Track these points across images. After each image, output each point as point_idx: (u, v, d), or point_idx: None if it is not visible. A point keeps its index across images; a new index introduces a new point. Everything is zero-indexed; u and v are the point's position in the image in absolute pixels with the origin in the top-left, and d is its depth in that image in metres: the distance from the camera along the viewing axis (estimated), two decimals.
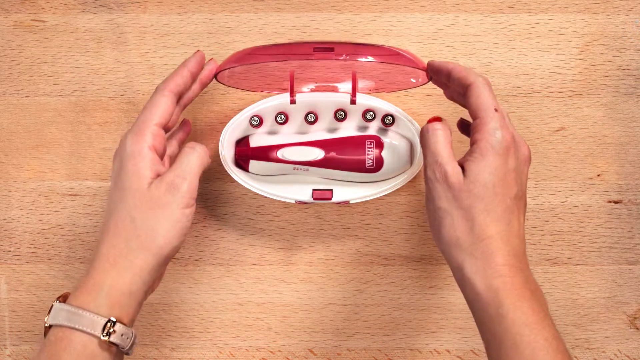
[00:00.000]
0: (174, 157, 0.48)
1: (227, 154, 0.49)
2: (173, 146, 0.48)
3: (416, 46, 0.52)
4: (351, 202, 0.49)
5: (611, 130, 0.53)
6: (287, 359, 0.54)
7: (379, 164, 0.48)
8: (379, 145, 0.48)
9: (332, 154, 0.48)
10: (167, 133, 0.45)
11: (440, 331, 0.54)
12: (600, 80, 0.53)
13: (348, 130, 0.50)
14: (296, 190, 0.49)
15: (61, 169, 0.53)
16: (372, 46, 0.44)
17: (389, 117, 0.48)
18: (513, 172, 0.40)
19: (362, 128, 0.50)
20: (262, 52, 0.43)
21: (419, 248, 0.53)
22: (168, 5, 0.52)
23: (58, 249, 0.54)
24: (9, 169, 0.53)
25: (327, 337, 0.54)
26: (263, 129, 0.50)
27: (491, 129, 0.39)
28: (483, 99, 0.40)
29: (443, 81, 0.44)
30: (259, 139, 0.49)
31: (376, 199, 0.50)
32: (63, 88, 0.53)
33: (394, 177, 0.50)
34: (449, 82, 0.43)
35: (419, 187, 0.53)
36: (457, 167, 0.40)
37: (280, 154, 0.48)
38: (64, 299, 0.40)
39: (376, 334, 0.54)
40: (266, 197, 0.49)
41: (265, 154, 0.49)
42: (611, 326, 0.54)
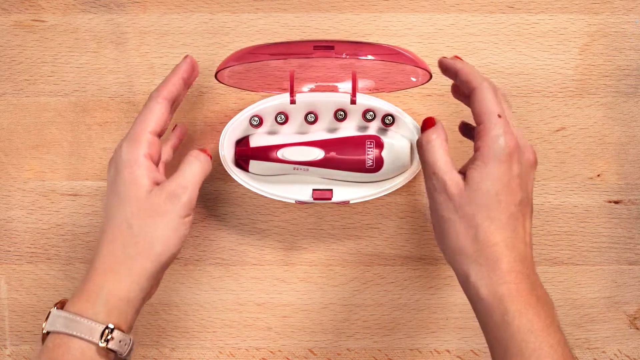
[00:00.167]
0: (168, 163, 0.48)
1: (227, 154, 0.49)
2: (167, 153, 0.48)
3: (416, 46, 0.52)
4: (351, 202, 0.49)
5: (611, 130, 0.53)
6: (287, 359, 0.54)
7: (379, 164, 0.48)
8: (379, 145, 0.48)
9: (332, 154, 0.48)
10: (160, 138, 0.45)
11: (440, 331, 0.54)
12: (600, 80, 0.53)
13: (348, 130, 0.49)
14: (296, 190, 0.49)
15: (61, 169, 0.53)
16: (372, 45, 0.44)
17: (389, 117, 0.48)
18: (517, 178, 0.39)
19: (362, 128, 0.50)
20: (262, 51, 0.43)
21: (419, 248, 0.53)
22: (168, 5, 0.52)
23: (58, 249, 0.54)
24: (9, 169, 0.53)
25: (327, 337, 0.54)
26: (263, 129, 0.50)
27: (494, 135, 0.39)
28: (486, 104, 0.40)
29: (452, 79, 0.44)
30: (259, 139, 0.49)
31: (376, 199, 0.50)
32: (63, 88, 0.53)
33: (394, 177, 0.50)
34: (456, 81, 0.43)
35: (419, 187, 0.53)
36: (456, 175, 0.40)
37: (280, 154, 0.48)
38: (61, 305, 0.40)
39: (376, 334, 0.54)
40: (266, 197, 0.49)
41: (265, 154, 0.48)
42: (611, 326, 0.54)
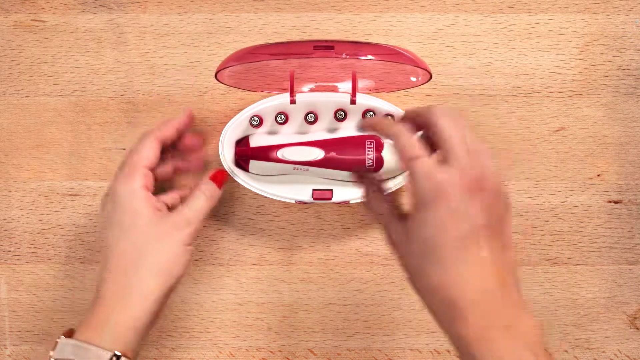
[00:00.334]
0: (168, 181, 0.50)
1: (227, 154, 0.49)
2: (166, 172, 0.50)
3: (416, 46, 0.52)
4: (351, 202, 0.49)
5: (611, 130, 0.53)
6: (287, 359, 0.54)
7: (379, 164, 0.48)
8: (379, 145, 0.48)
9: (332, 154, 0.48)
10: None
11: (440, 331, 0.53)
12: (600, 80, 0.53)
13: (348, 130, 0.49)
14: (296, 190, 0.49)
15: (61, 169, 0.53)
16: (372, 45, 0.44)
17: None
18: (456, 210, 0.35)
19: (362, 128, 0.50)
20: (262, 51, 0.43)
21: None
22: (168, 5, 0.52)
23: (58, 249, 0.54)
24: (9, 169, 0.53)
25: (327, 337, 0.54)
26: (263, 129, 0.50)
27: (414, 180, 0.36)
28: (404, 148, 0.38)
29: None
30: (259, 139, 0.49)
31: None
32: (63, 88, 0.53)
33: (394, 177, 0.50)
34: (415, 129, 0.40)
35: None
36: (397, 226, 0.38)
37: (280, 154, 0.48)
38: (68, 334, 0.41)
39: (376, 334, 0.54)
40: (266, 197, 0.49)
41: (265, 154, 0.48)
42: (611, 326, 0.54)
